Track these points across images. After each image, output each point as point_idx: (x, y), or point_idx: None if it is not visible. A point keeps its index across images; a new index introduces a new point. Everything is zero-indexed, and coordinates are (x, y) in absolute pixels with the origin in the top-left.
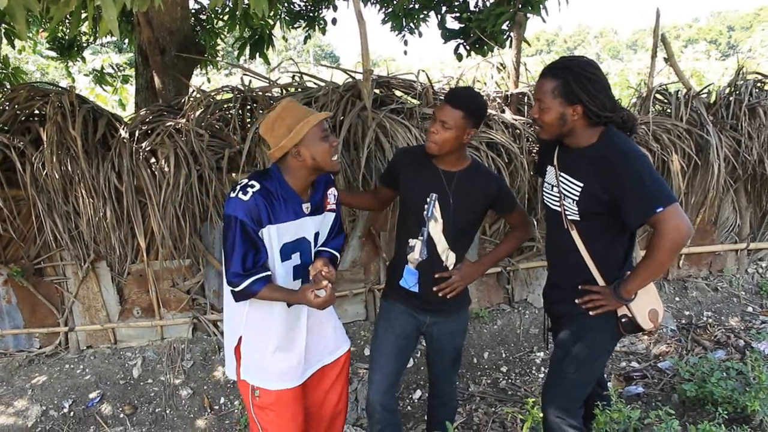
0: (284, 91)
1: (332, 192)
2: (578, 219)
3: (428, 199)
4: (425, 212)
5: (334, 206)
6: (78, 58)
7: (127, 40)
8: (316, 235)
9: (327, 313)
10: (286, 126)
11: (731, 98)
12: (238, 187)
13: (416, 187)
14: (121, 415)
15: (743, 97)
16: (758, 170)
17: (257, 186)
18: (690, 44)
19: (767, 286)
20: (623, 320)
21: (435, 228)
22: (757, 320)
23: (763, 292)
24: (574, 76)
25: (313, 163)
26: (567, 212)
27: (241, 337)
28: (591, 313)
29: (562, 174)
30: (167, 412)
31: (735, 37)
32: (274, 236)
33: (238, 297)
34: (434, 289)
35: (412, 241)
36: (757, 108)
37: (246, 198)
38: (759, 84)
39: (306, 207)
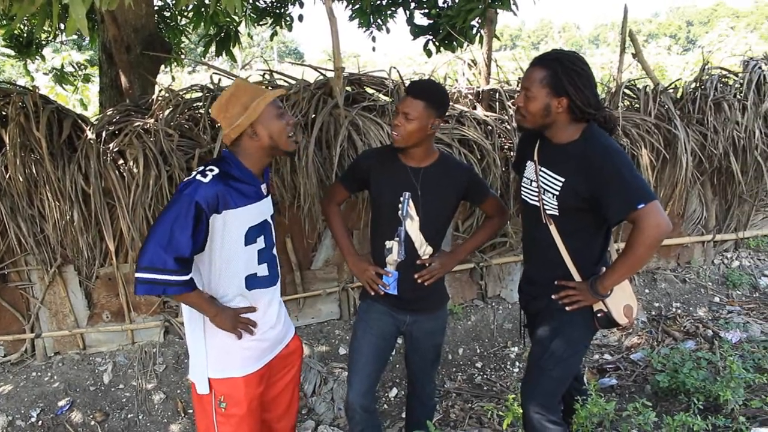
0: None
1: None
2: (557, 214)
3: (401, 198)
4: (400, 212)
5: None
6: (37, 57)
7: (87, 38)
8: (272, 217)
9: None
10: (241, 104)
11: (697, 93)
12: (196, 172)
13: (387, 187)
14: (92, 423)
15: (708, 92)
16: (723, 164)
17: (216, 170)
18: (651, 39)
19: (733, 276)
20: (599, 315)
21: (412, 226)
22: (724, 310)
23: (729, 282)
24: (564, 69)
25: (270, 142)
26: (546, 207)
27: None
28: (567, 308)
29: (542, 169)
30: (140, 417)
31: (694, 32)
32: (233, 221)
33: (150, 284)
34: (415, 276)
35: (388, 243)
36: (722, 102)
37: (206, 180)
38: (723, 79)
39: (264, 188)
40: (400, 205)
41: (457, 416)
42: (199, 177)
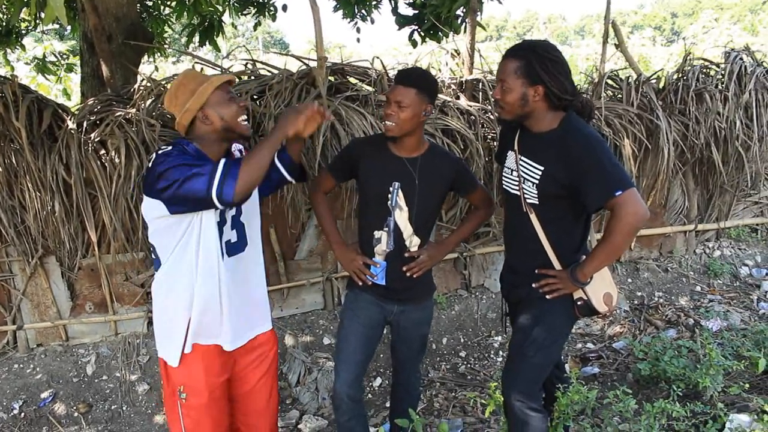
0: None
1: (236, 147)
2: (537, 203)
3: (391, 189)
4: (389, 202)
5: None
6: (17, 46)
7: (69, 27)
8: None
9: (256, 283)
10: (189, 91)
11: (679, 84)
12: (155, 152)
13: (378, 177)
14: (76, 414)
15: (690, 83)
16: (705, 154)
17: (171, 147)
18: (636, 30)
19: (714, 265)
20: (579, 303)
21: (401, 216)
22: (705, 299)
23: (710, 271)
24: (537, 57)
25: (222, 124)
26: (526, 196)
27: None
28: (548, 296)
29: (522, 158)
30: (124, 408)
31: (678, 24)
32: None
33: (226, 176)
34: (404, 268)
35: (377, 233)
36: (704, 93)
37: (169, 149)
38: (705, 70)
39: None
40: (389, 195)
41: (441, 405)
42: (162, 150)
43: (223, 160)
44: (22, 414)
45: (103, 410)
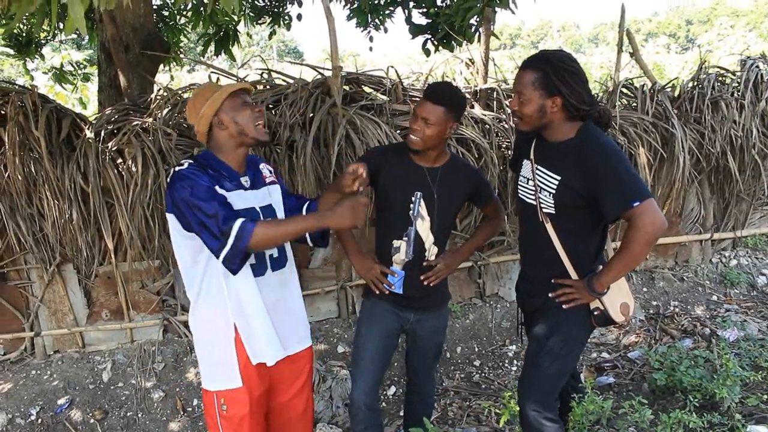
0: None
1: (264, 166)
2: (553, 212)
3: (413, 198)
4: (411, 211)
5: (273, 178)
6: (36, 56)
7: (86, 37)
8: (261, 209)
9: (296, 295)
10: (205, 98)
11: (695, 92)
12: (172, 168)
13: (399, 186)
14: (92, 421)
15: (706, 91)
16: (721, 162)
17: (190, 161)
18: (650, 38)
19: (731, 275)
20: (596, 313)
21: (422, 226)
22: (722, 308)
23: (726, 281)
24: (554, 69)
25: (238, 128)
26: (542, 205)
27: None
28: (564, 306)
29: (538, 167)
30: (139, 415)
31: (693, 31)
32: None
33: (236, 248)
34: (421, 277)
35: (396, 242)
36: (720, 101)
37: (184, 166)
38: (721, 78)
39: (245, 180)
40: (411, 205)
41: (455, 414)
42: (177, 168)
43: (239, 222)
44: (39, 420)
45: (118, 417)
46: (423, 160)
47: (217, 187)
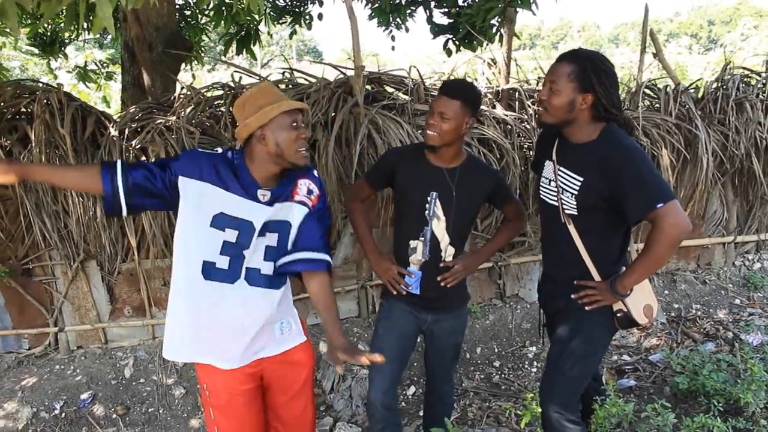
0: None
1: (305, 183)
2: (576, 213)
3: (429, 198)
4: (427, 212)
5: (304, 199)
6: (60, 55)
7: (109, 37)
8: (265, 225)
9: (258, 319)
10: (257, 106)
11: (719, 93)
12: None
13: (416, 186)
14: (114, 416)
15: (730, 92)
16: (745, 164)
17: (220, 150)
18: (672, 38)
19: (754, 278)
20: (618, 315)
21: (438, 226)
22: (745, 312)
23: (750, 284)
24: (593, 66)
25: (276, 150)
26: (564, 206)
27: None
28: (587, 308)
29: (561, 168)
30: (160, 411)
31: (715, 31)
32: (201, 194)
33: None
34: (438, 278)
35: (413, 243)
36: (744, 102)
37: (202, 150)
38: (745, 79)
39: (262, 194)
40: (427, 205)
41: (475, 415)
42: (200, 149)
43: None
44: (63, 414)
45: (140, 413)
46: (440, 159)
47: (215, 185)
